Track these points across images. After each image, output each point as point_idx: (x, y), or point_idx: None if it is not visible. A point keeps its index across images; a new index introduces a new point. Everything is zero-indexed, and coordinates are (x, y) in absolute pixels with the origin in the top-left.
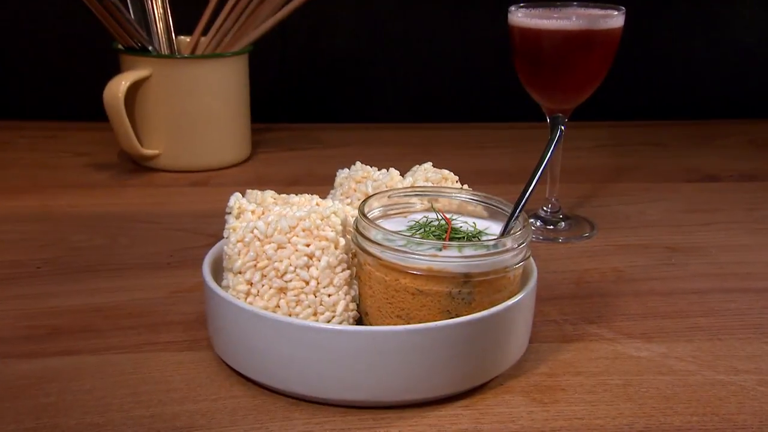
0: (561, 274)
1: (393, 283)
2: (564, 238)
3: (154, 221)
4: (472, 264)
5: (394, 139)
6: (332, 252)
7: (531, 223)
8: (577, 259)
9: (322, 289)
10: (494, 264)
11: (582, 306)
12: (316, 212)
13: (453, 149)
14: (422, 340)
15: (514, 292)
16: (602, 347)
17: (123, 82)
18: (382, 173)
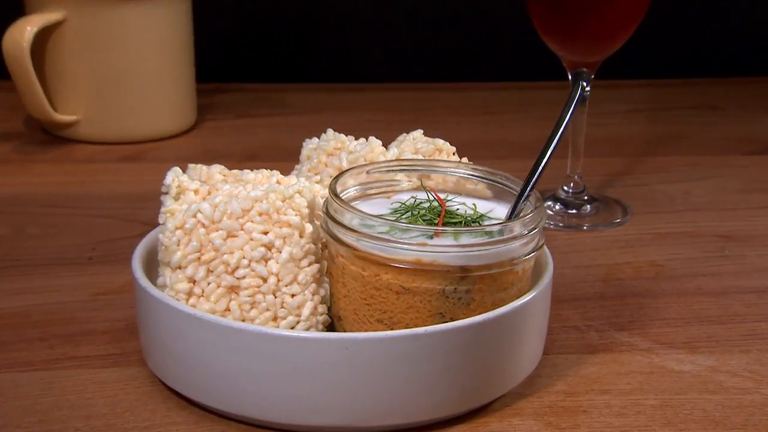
0: (585, 270)
1: (372, 280)
2: (590, 224)
3: (71, 206)
4: (471, 255)
5: (376, 102)
6: (296, 241)
7: (547, 205)
8: (605, 251)
9: (283, 288)
10: (498, 255)
11: (611, 309)
12: (277, 192)
13: (450, 115)
14: (409, 350)
15: (523, 290)
16: (635, 360)
17: (28, 27)
18: (360, 143)
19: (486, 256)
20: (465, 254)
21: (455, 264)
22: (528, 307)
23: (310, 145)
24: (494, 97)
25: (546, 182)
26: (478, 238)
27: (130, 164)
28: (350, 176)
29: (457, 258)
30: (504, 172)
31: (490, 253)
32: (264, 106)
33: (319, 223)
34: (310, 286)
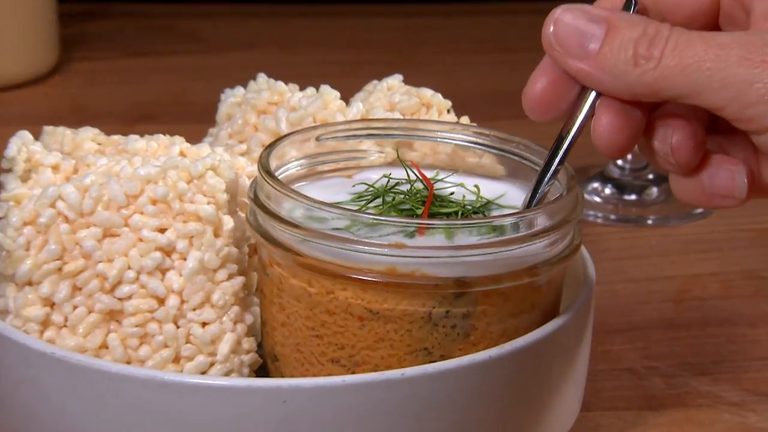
0: (647, 285)
1: (324, 300)
2: (656, 217)
3: None
4: (470, 261)
5: (334, 34)
6: (209, 243)
7: (590, 187)
8: (679, 256)
9: (190, 313)
10: (512, 261)
11: (685, 343)
12: (180, 168)
13: (444, 53)
14: (379, 404)
15: (549, 314)
16: (721, 418)
17: None
18: (307, 96)
19: (493, 264)
20: (462, 260)
21: (447, 275)
22: (557, 339)
23: (232, 98)
24: (511, 25)
25: (587, 153)
26: (481, 235)
27: None
28: (292, 145)
29: (451, 266)
30: (523, 139)
31: (500, 259)
32: (161, 40)
33: (244, 216)
34: (231, 310)
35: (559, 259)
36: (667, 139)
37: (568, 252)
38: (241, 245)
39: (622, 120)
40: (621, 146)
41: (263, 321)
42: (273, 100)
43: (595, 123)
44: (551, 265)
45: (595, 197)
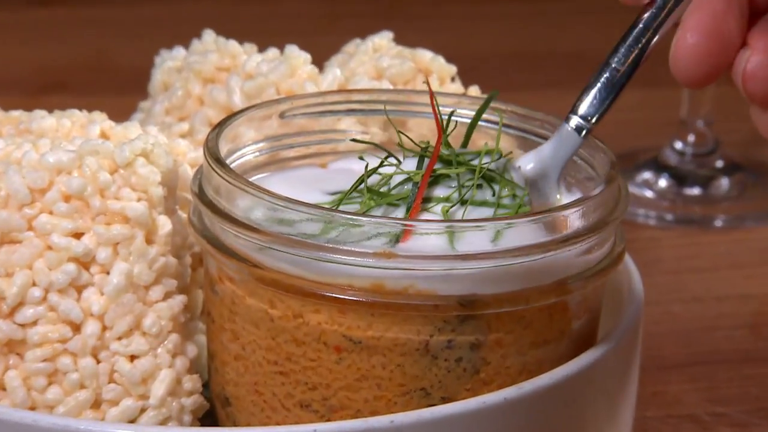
0: (713, 306)
1: (290, 326)
2: (726, 217)
3: None
4: (480, 273)
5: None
6: (140, 251)
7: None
8: (756, 268)
9: (114, 344)
10: (533, 274)
11: (763, 383)
12: (101, 154)
13: (446, 3)
14: None
15: (583, 344)
16: None
17: None
18: (267, 59)
19: (510, 277)
20: (469, 272)
21: (450, 292)
22: (593, 377)
23: (169, 62)
24: None
25: (637, 132)
26: (491, 240)
27: None
28: (249, 124)
29: (455, 280)
30: (548, 115)
31: (518, 271)
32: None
33: (185, 216)
34: (168, 340)
35: (596, 272)
36: (741, 62)
37: (608, 263)
38: (181, 254)
39: (712, 42)
40: (704, 74)
41: (211, 353)
42: (223, 64)
43: (678, 42)
44: (586, 279)
45: (646, 191)
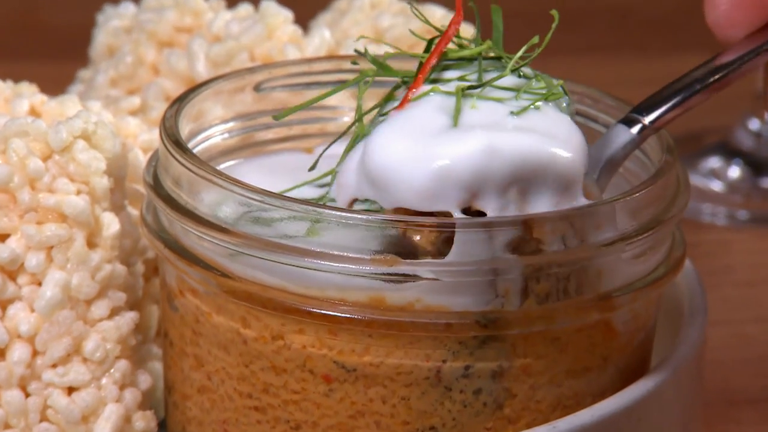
0: None
1: (268, 350)
2: None
3: None
4: (504, 284)
5: None
6: (79, 257)
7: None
8: None
9: (47, 373)
10: (569, 285)
11: None
12: (31, 136)
13: None
14: None
15: (631, 372)
16: None
17: None
18: (238, 16)
19: (536, 287)
20: (489, 282)
21: (467, 308)
22: (645, 412)
23: (115, 20)
24: None
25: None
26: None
27: None
28: (216, 99)
29: (473, 291)
30: (588, 87)
31: (548, 280)
32: None
33: (137, 214)
34: (115, 368)
35: (647, 283)
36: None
37: (664, 271)
38: (131, 261)
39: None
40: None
41: (169, 385)
42: (183, 24)
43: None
44: (635, 292)
45: (713, 182)
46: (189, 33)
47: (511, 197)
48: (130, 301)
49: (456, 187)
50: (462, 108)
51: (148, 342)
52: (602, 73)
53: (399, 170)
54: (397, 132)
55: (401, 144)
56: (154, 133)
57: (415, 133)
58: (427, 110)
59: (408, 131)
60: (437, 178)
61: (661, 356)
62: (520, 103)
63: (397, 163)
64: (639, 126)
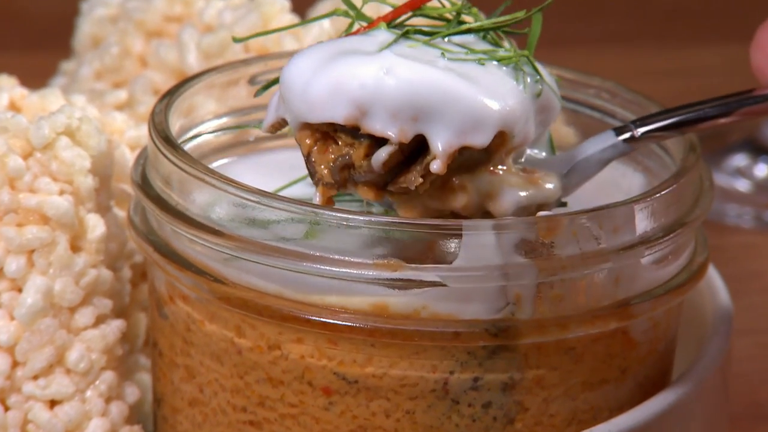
0: None
1: (265, 360)
2: None
3: None
4: (516, 289)
5: None
6: (63, 262)
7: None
8: None
9: (28, 385)
10: (585, 291)
11: None
12: (10, 132)
13: None
14: None
15: (651, 384)
16: None
17: None
18: (231, 5)
19: (553, 295)
20: (500, 288)
21: (476, 316)
22: (666, 428)
23: (100, 8)
24: None
25: None
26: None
27: None
28: (208, 93)
29: (483, 298)
30: (607, 80)
31: (565, 287)
32: None
33: (125, 215)
34: (101, 379)
35: (668, 290)
36: None
37: (686, 277)
38: (118, 266)
39: None
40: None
41: (158, 397)
42: (173, 12)
43: None
44: (655, 299)
45: (739, 181)
46: (179, 22)
47: (403, 123)
48: (117, 309)
49: (345, 100)
50: (398, 47)
51: (136, 352)
52: (620, 65)
53: (297, 82)
54: (315, 51)
55: (311, 60)
56: (142, 129)
57: (332, 54)
58: (360, 41)
59: (327, 53)
60: (328, 89)
61: (683, 368)
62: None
63: (298, 76)
64: (628, 134)
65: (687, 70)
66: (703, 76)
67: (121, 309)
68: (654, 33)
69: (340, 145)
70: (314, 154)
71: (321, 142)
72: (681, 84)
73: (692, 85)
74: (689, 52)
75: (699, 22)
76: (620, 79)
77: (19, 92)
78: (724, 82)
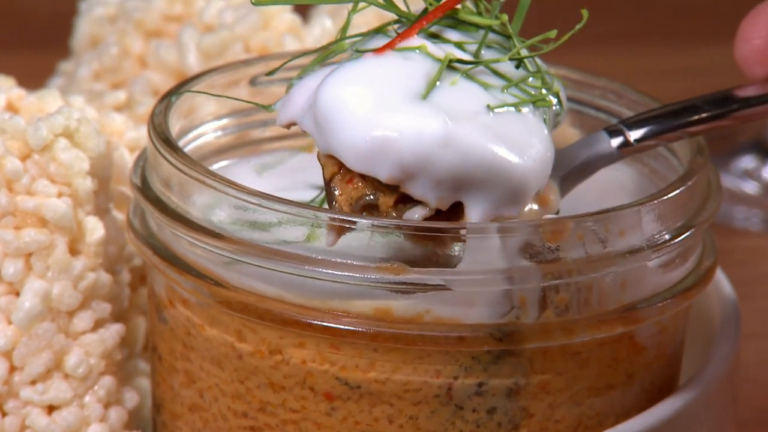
0: None
1: (266, 365)
2: None
3: None
4: (521, 293)
5: None
6: (61, 265)
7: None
8: None
9: (26, 390)
10: (591, 295)
11: None
12: (8, 134)
13: None
14: None
15: (657, 390)
16: None
17: None
18: (231, 4)
19: (558, 299)
20: (504, 291)
21: (481, 320)
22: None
23: (99, 7)
24: None
25: None
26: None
27: None
28: (208, 93)
29: (488, 302)
30: (613, 81)
31: (567, 290)
32: None
33: (124, 218)
34: (99, 384)
35: (675, 294)
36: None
37: (693, 281)
38: (117, 269)
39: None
40: None
41: (157, 403)
42: (173, 12)
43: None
44: (662, 303)
45: (747, 183)
46: (179, 22)
47: (445, 192)
48: (116, 313)
49: (393, 162)
50: (442, 80)
51: (135, 357)
52: (627, 64)
53: (344, 122)
54: (360, 79)
55: (358, 95)
56: (142, 130)
57: (377, 87)
58: (404, 66)
59: (372, 82)
60: (378, 146)
61: (690, 373)
62: (505, 97)
63: (345, 114)
64: (621, 140)
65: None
66: (710, 76)
67: (120, 313)
68: (661, 32)
69: (367, 183)
70: (337, 181)
71: (345, 170)
72: (688, 84)
73: (699, 85)
74: (696, 52)
75: (706, 21)
76: (626, 79)
77: (17, 93)
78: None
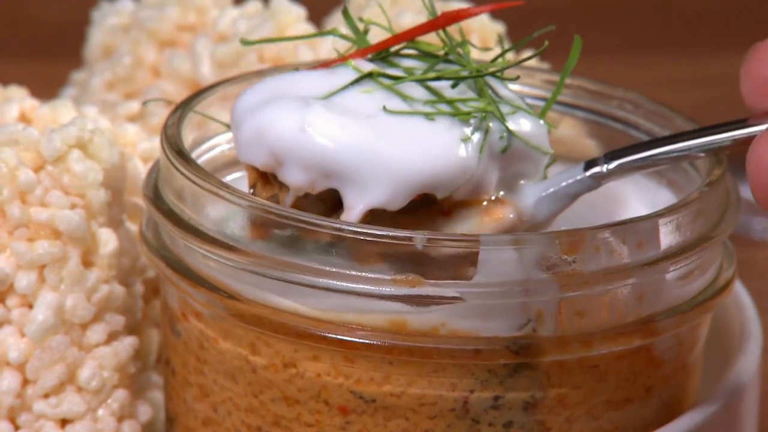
0: None
1: (280, 378)
2: None
3: None
4: (538, 306)
5: None
6: (75, 277)
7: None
8: None
9: (39, 403)
10: (609, 308)
11: None
12: (21, 144)
13: None
14: None
15: (676, 403)
16: None
17: None
18: (246, 13)
19: (576, 311)
20: (521, 304)
21: (497, 333)
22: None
23: (112, 17)
24: None
25: None
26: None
27: None
28: (222, 104)
29: (504, 315)
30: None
31: (589, 303)
32: None
33: (137, 230)
34: (113, 397)
35: (694, 306)
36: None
37: (712, 293)
38: (130, 281)
39: None
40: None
41: (171, 416)
42: (186, 21)
43: (753, 160)
44: (680, 316)
45: None
46: (192, 32)
47: (315, 177)
48: (129, 325)
49: (264, 148)
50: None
51: (148, 370)
52: (643, 74)
53: (235, 119)
54: (262, 89)
55: (254, 98)
56: (155, 141)
57: (272, 95)
58: (325, 79)
59: (271, 92)
60: (254, 135)
61: (709, 387)
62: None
63: (237, 113)
64: (595, 169)
65: (711, 79)
66: (727, 85)
67: (133, 325)
68: (677, 41)
69: (275, 183)
70: (257, 188)
71: (260, 174)
72: (705, 93)
73: (716, 94)
74: (713, 60)
75: (722, 30)
76: (643, 88)
77: (30, 103)
78: None
